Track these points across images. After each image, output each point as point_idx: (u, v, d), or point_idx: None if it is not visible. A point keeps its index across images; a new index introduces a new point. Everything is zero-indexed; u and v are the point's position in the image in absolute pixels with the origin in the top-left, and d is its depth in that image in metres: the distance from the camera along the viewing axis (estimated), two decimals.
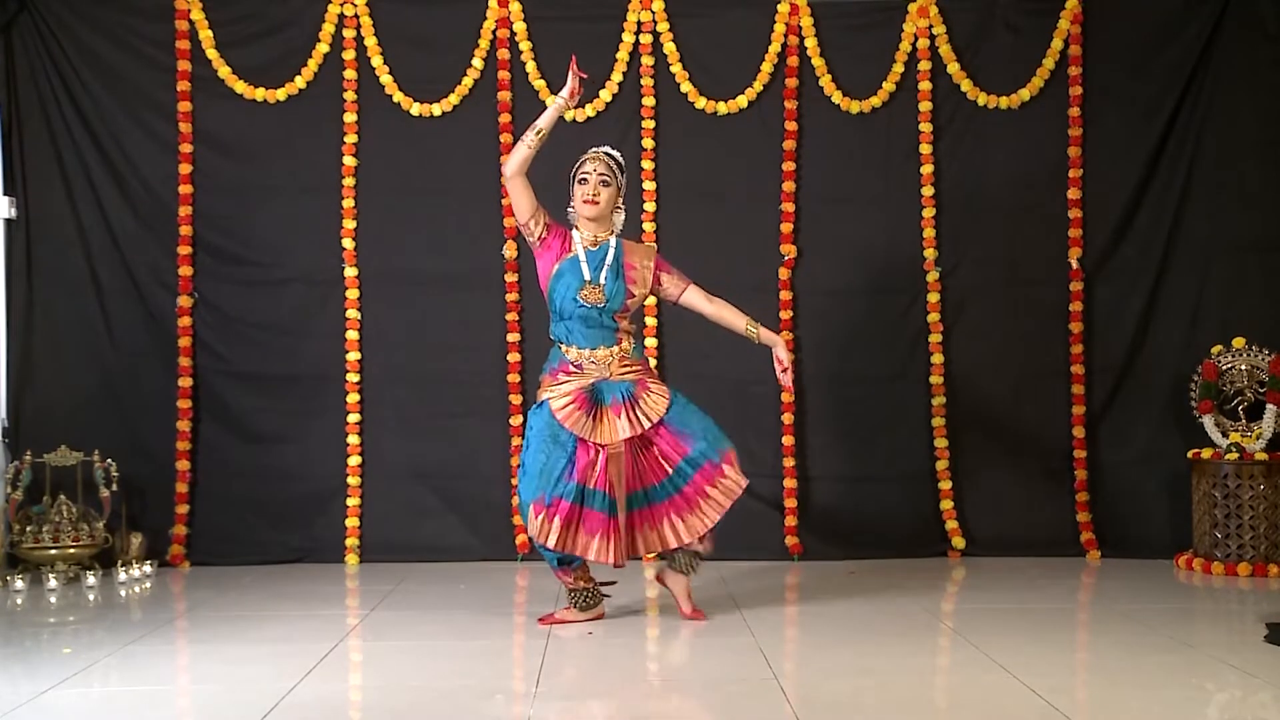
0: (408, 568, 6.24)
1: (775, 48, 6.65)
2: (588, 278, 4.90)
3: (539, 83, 6.58)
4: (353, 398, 6.53)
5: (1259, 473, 6.03)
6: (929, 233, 6.65)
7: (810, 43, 6.64)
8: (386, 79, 6.58)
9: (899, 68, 6.66)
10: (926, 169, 6.64)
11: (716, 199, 6.63)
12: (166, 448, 6.44)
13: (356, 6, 6.59)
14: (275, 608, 5.38)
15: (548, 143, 4.90)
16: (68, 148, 6.48)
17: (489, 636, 4.80)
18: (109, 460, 6.18)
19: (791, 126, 6.63)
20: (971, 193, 6.67)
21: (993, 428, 6.62)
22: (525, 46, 6.60)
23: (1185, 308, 6.60)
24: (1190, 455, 6.22)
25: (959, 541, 6.51)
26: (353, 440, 6.53)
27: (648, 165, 6.61)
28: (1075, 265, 6.62)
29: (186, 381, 6.47)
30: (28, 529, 6.02)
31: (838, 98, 6.65)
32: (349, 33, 6.58)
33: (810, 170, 6.66)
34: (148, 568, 5.99)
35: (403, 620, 5.09)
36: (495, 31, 6.61)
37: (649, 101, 6.62)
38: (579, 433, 4.81)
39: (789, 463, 6.56)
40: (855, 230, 6.67)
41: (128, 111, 6.53)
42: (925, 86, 6.65)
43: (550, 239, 4.96)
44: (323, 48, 6.58)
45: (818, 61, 6.65)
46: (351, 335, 6.55)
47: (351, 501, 6.50)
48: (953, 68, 6.65)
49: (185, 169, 6.52)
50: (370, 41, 6.58)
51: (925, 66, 6.65)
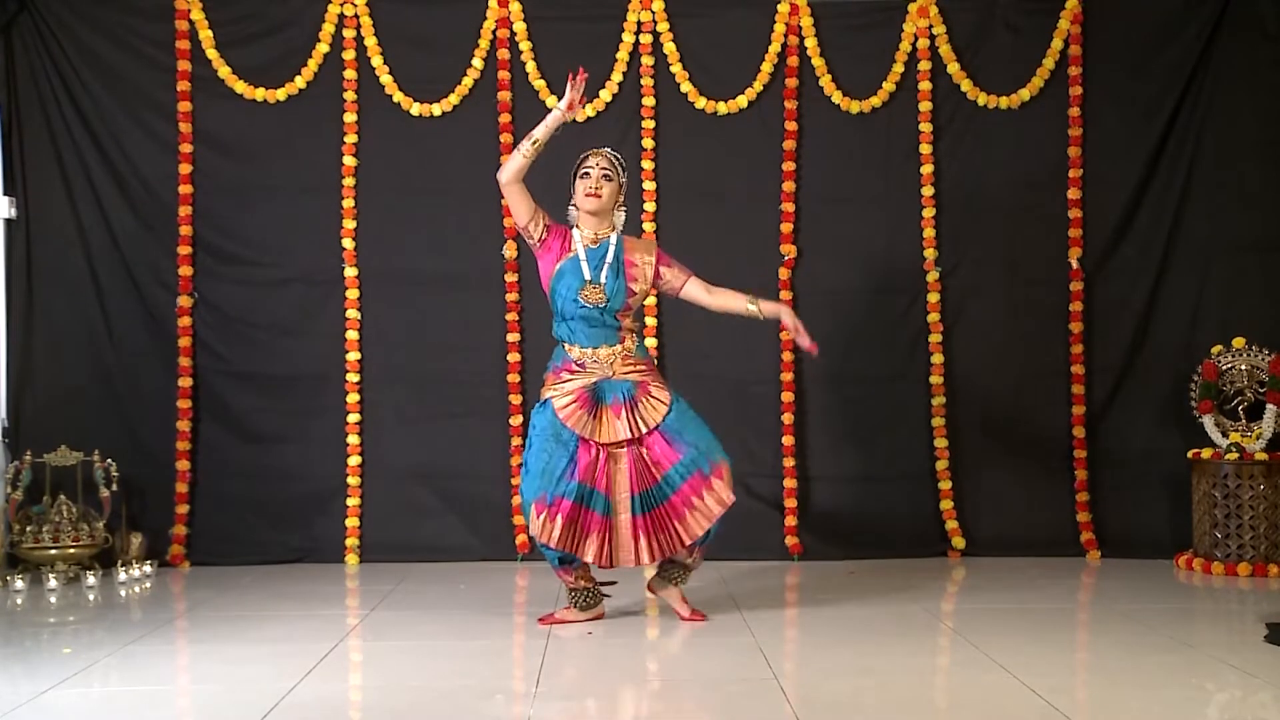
0: (408, 568, 6.24)
1: (775, 48, 6.65)
2: (588, 277, 4.89)
3: (539, 83, 6.58)
4: (353, 398, 6.54)
5: (1259, 473, 6.03)
6: (929, 233, 6.65)
7: (810, 43, 6.64)
8: (386, 79, 6.58)
9: (899, 68, 6.66)
10: (926, 169, 6.64)
11: (716, 199, 6.63)
12: (166, 448, 6.45)
13: (356, 6, 6.60)
14: (275, 608, 5.38)
15: (548, 143, 4.89)
16: (68, 148, 6.48)
17: (489, 636, 4.80)
18: (109, 460, 6.18)
19: (791, 126, 6.64)
20: (971, 193, 6.67)
21: (993, 428, 6.62)
22: (525, 46, 6.60)
23: (1185, 308, 6.60)
24: (1190, 455, 6.22)
25: (959, 541, 6.51)
26: (353, 440, 6.53)
27: (648, 165, 6.61)
28: (1075, 265, 6.62)
29: (186, 381, 6.48)
30: (28, 529, 6.03)
31: (838, 98, 6.65)
32: (349, 33, 6.58)
33: (810, 170, 6.66)
34: (148, 568, 5.99)
35: (403, 620, 5.09)
36: (495, 31, 6.61)
37: (649, 101, 6.62)
38: (580, 431, 4.81)
39: (789, 463, 6.56)
40: (855, 230, 6.67)
41: (128, 111, 6.53)
42: (925, 86, 6.65)
43: (550, 240, 4.95)
44: (323, 48, 6.58)
45: (818, 61, 6.65)
46: (351, 335, 6.55)
47: (351, 501, 6.50)
48: (953, 68, 6.65)
49: (185, 169, 6.52)
50: (370, 41, 6.59)
51: (925, 66, 6.65)
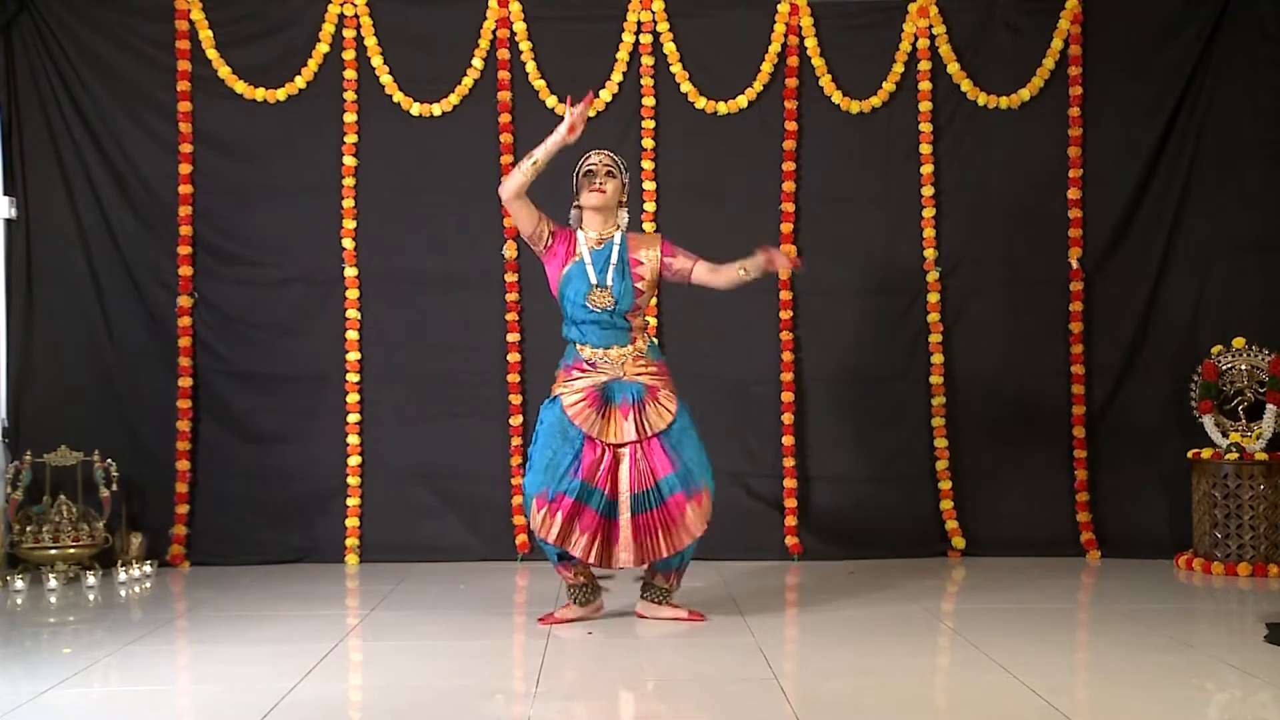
0: (408, 568, 6.24)
1: (775, 48, 6.65)
2: (594, 281, 4.89)
3: (539, 83, 6.58)
4: (353, 398, 6.54)
5: (1259, 473, 6.03)
6: (929, 233, 6.65)
7: (810, 43, 6.64)
8: (386, 79, 6.58)
9: (899, 68, 6.66)
10: (926, 169, 6.64)
11: (716, 199, 6.64)
12: (166, 448, 6.45)
13: (356, 6, 6.60)
14: (275, 608, 5.38)
15: (548, 135, 4.88)
16: (68, 148, 6.48)
17: (489, 636, 4.80)
18: (109, 460, 6.18)
19: (791, 126, 6.64)
20: (971, 193, 6.68)
21: (993, 428, 6.62)
22: (525, 46, 6.60)
23: (1185, 308, 6.60)
24: (1190, 455, 6.22)
25: (959, 541, 6.51)
26: (353, 440, 6.53)
27: (648, 165, 6.61)
28: (1075, 265, 6.62)
29: (186, 381, 6.48)
30: (28, 529, 6.03)
31: (838, 98, 6.65)
32: (349, 33, 6.58)
33: (810, 170, 6.66)
34: (148, 568, 5.99)
35: (403, 620, 5.09)
36: (495, 31, 6.61)
37: (649, 101, 6.62)
38: (587, 430, 4.82)
39: (789, 463, 6.56)
40: (855, 230, 6.67)
41: (128, 111, 6.54)
42: (925, 86, 6.65)
43: (556, 245, 4.95)
44: (323, 48, 6.58)
45: (818, 61, 6.65)
46: (351, 335, 6.55)
47: (351, 501, 6.50)
48: (953, 68, 6.65)
49: (185, 169, 6.52)
50: (370, 41, 6.59)
51: (925, 66, 6.65)
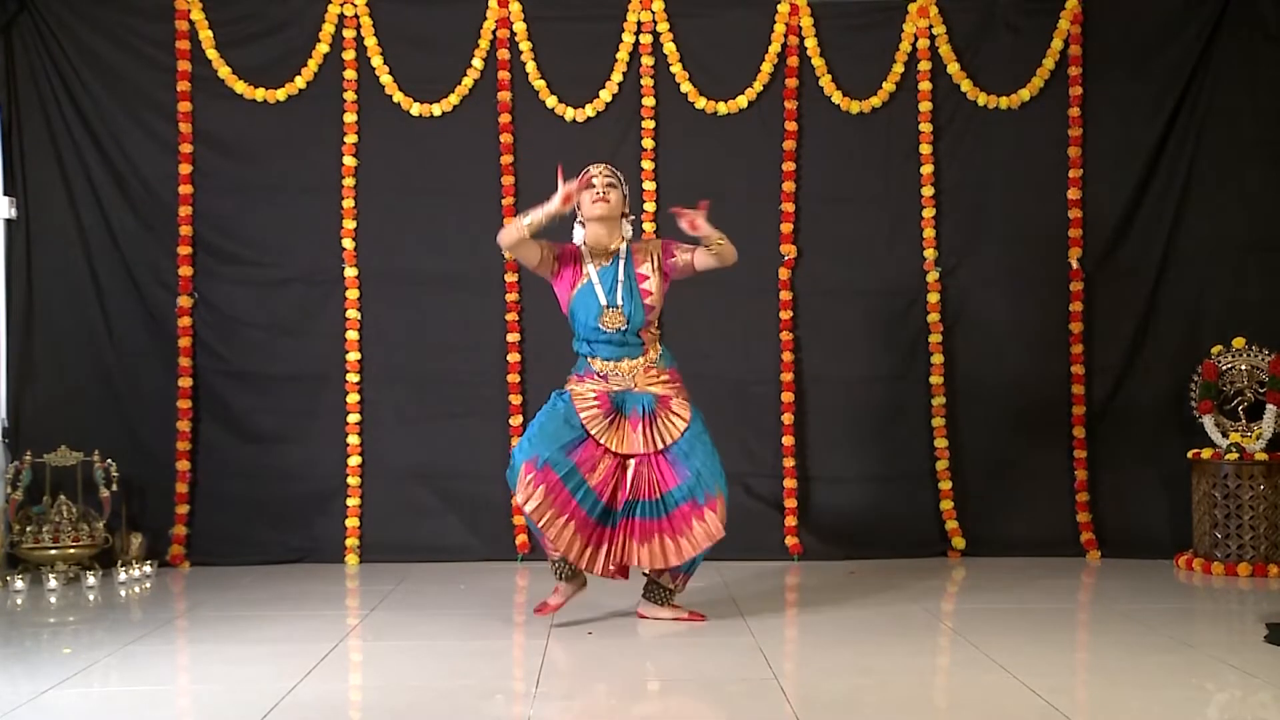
0: (408, 568, 6.24)
1: (775, 48, 6.65)
2: (604, 303, 4.87)
3: (539, 83, 6.58)
4: (353, 398, 6.54)
5: (1259, 473, 6.03)
6: (929, 233, 6.65)
7: (810, 43, 6.64)
8: (386, 79, 6.58)
9: (899, 68, 6.66)
10: (926, 169, 6.64)
11: (716, 199, 6.55)
12: (166, 448, 6.45)
13: (356, 6, 6.60)
14: (275, 608, 5.38)
15: (548, 144, 4.89)
16: (68, 148, 6.48)
17: (489, 636, 4.80)
18: (109, 460, 6.18)
19: (791, 126, 6.64)
20: (971, 193, 6.68)
21: (993, 428, 6.62)
22: (525, 46, 6.60)
23: (1185, 308, 6.60)
24: (1190, 455, 6.22)
25: (959, 541, 6.51)
26: (353, 440, 6.53)
27: (648, 165, 6.61)
28: (1075, 265, 6.62)
29: (186, 381, 6.48)
30: (28, 529, 6.03)
31: (838, 98, 6.65)
32: (349, 33, 6.58)
33: (810, 170, 6.66)
34: (148, 568, 5.99)
35: (403, 620, 5.08)
36: (495, 31, 6.61)
37: (649, 101, 6.62)
38: (594, 433, 4.82)
39: (789, 463, 6.56)
40: (855, 230, 6.67)
41: (128, 111, 6.54)
42: (925, 86, 6.65)
43: (563, 269, 4.93)
44: (323, 48, 6.58)
45: (818, 61, 6.65)
46: (351, 335, 6.55)
47: (351, 501, 6.50)
48: (953, 68, 6.65)
49: (185, 169, 6.52)
50: (370, 41, 6.59)
51: (925, 66, 6.65)
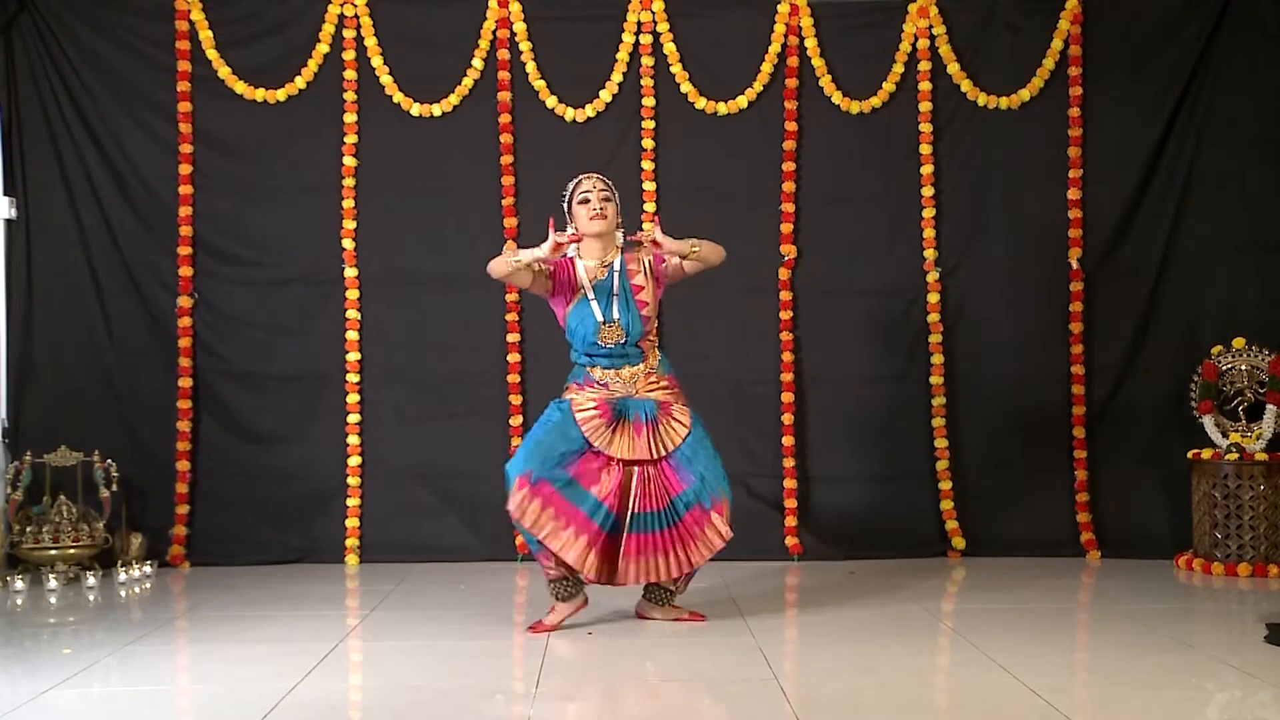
0: (408, 568, 6.24)
1: (775, 48, 6.65)
2: (601, 319, 4.84)
3: (539, 83, 6.58)
4: (353, 398, 6.54)
5: (1259, 473, 6.02)
6: (929, 233, 6.65)
7: (810, 43, 6.64)
8: (386, 79, 6.58)
9: (899, 68, 6.66)
10: (926, 169, 6.64)
11: (716, 199, 6.63)
12: (166, 448, 6.45)
13: (356, 6, 6.60)
14: (275, 608, 5.38)
15: (548, 144, 4.88)
16: (68, 148, 6.48)
17: (489, 636, 4.79)
18: (109, 460, 6.18)
19: (791, 126, 6.64)
20: (971, 193, 6.68)
21: (993, 428, 6.62)
22: (525, 47, 6.60)
23: (1185, 308, 6.59)
24: (1190, 455, 6.22)
25: (959, 541, 6.51)
26: (353, 440, 6.53)
27: (648, 165, 6.61)
28: (1075, 265, 6.62)
29: (186, 381, 6.48)
30: (28, 529, 6.02)
31: (838, 98, 6.65)
32: (349, 33, 6.58)
33: (810, 170, 6.66)
34: (148, 568, 5.99)
35: (403, 620, 5.09)
36: (495, 31, 6.61)
37: (649, 101, 6.62)
38: (596, 442, 4.78)
39: (789, 463, 6.56)
40: (855, 230, 6.67)
41: (128, 111, 6.54)
42: (925, 86, 6.65)
43: (558, 287, 4.89)
44: (323, 48, 6.58)
45: (818, 61, 6.65)
46: (351, 335, 6.55)
47: (351, 501, 6.50)
48: (953, 68, 6.65)
49: (185, 169, 6.52)
50: (370, 41, 6.59)
51: (925, 66, 6.65)
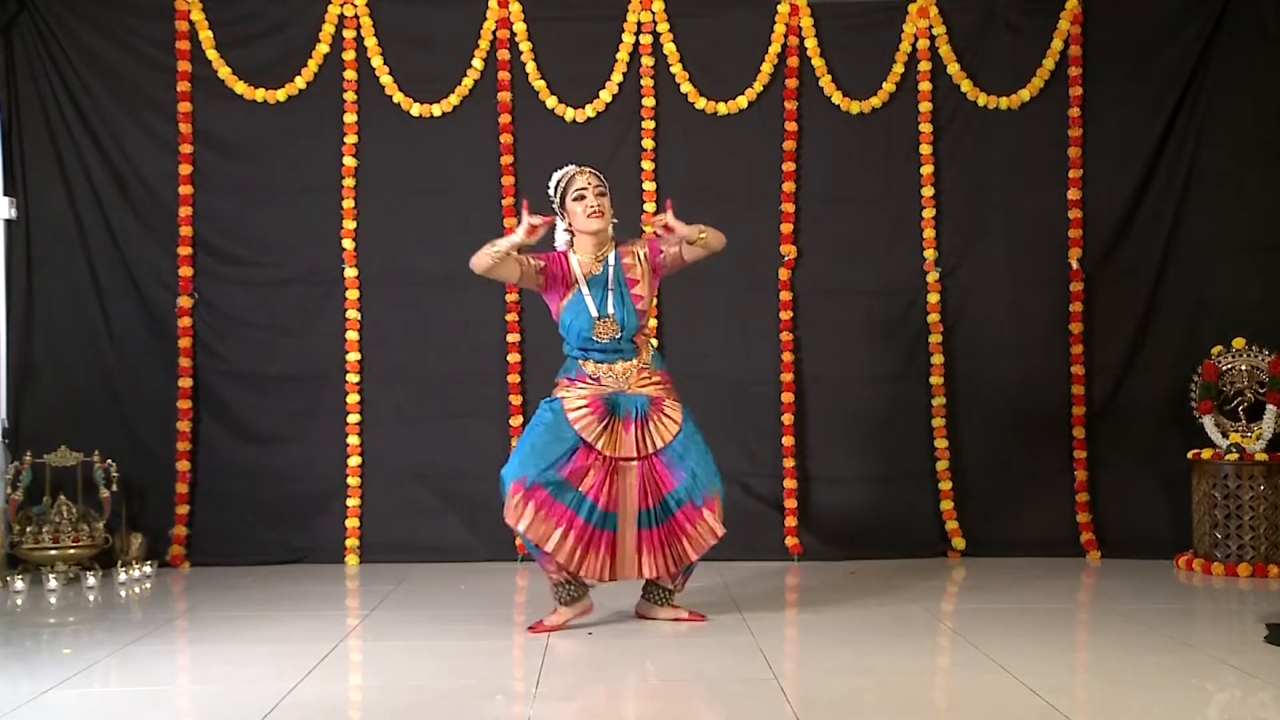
0: (408, 568, 6.23)
1: (775, 48, 6.65)
2: (595, 314, 4.82)
3: (539, 83, 6.58)
4: (353, 398, 6.54)
5: (1259, 473, 6.02)
6: (929, 233, 6.65)
7: (810, 43, 6.64)
8: (386, 79, 6.58)
9: (899, 68, 6.66)
10: (926, 169, 6.64)
11: (716, 199, 6.62)
12: (166, 448, 6.45)
13: (356, 6, 6.60)
14: (275, 608, 5.38)
15: (548, 144, 4.88)
16: (68, 148, 6.48)
17: (489, 636, 4.79)
18: (109, 461, 6.18)
19: (791, 126, 6.64)
20: (971, 193, 6.68)
21: (993, 428, 6.62)
22: (525, 47, 6.60)
23: (1185, 308, 6.59)
24: (1190, 455, 6.22)
25: (959, 541, 6.51)
26: (353, 440, 6.53)
27: (648, 165, 6.61)
28: (1075, 265, 6.62)
29: (186, 381, 6.48)
30: (28, 529, 6.02)
31: (838, 98, 6.65)
32: (349, 33, 6.58)
33: (810, 170, 6.66)
34: (148, 568, 5.99)
35: (403, 620, 5.09)
36: (495, 31, 6.61)
37: (649, 101, 6.62)
38: (588, 437, 4.76)
39: (789, 463, 6.56)
40: (855, 230, 6.67)
41: (128, 111, 6.54)
42: (925, 86, 6.65)
43: (551, 281, 4.85)
44: (323, 48, 6.58)
45: (818, 62, 6.65)
46: (351, 335, 6.55)
47: (351, 501, 6.50)
48: (953, 68, 6.65)
49: (185, 169, 6.52)
50: (370, 41, 6.59)
51: (925, 66, 6.65)
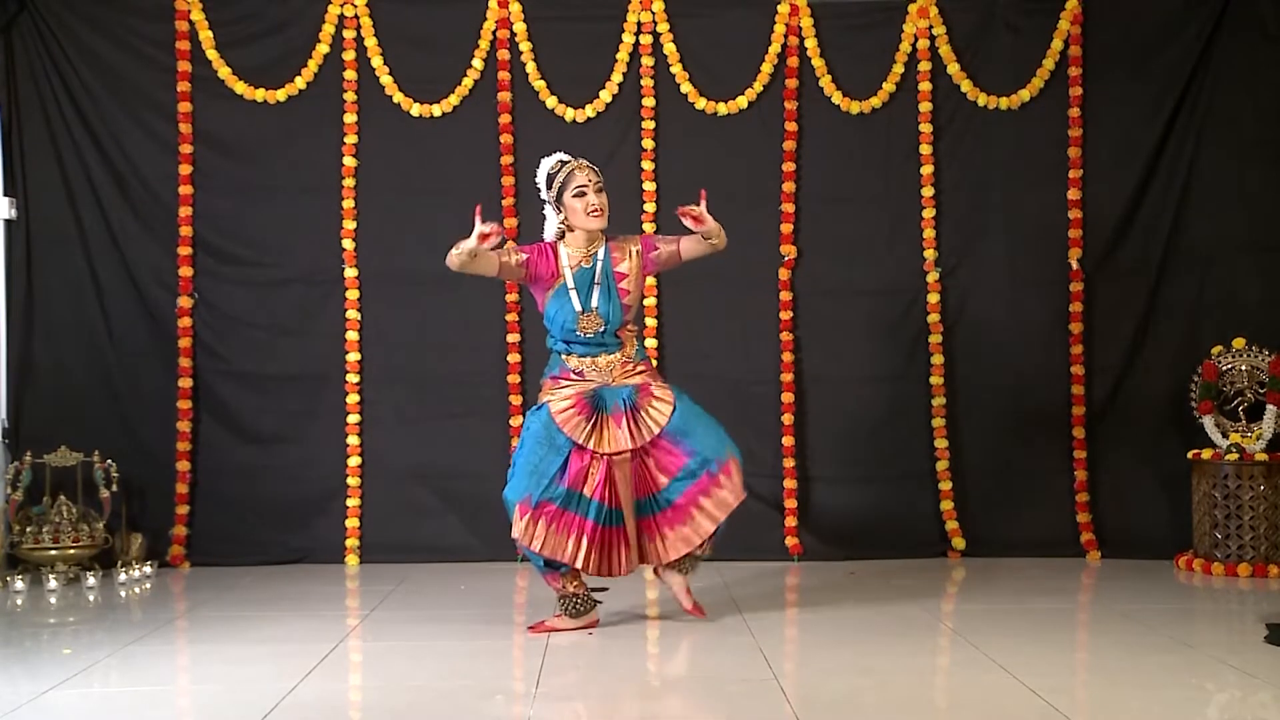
0: (408, 568, 6.23)
1: (775, 48, 6.65)
2: (579, 308, 4.79)
3: (539, 83, 6.58)
4: (353, 398, 6.54)
5: (1259, 473, 6.02)
6: (929, 233, 6.65)
7: (810, 43, 6.64)
8: (386, 79, 6.58)
9: (899, 68, 6.66)
10: (926, 169, 6.64)
11: (716, 199, 6.58)
12: (166, 448, 6.44)
13: (356, 6, 6.59)
14: (275, 608, 5.38)
15: (548, 144, 4.88)
16: (68, 148, 6.48)
17: (489, 636, 4.79)
18: (109, 461, 6.18)
19: (791, 126, 6.63)
20: (971, 193, 6.68)
21: (993, 428, 6.62)
22: (525, 47, 6.60)
23: (1185, 308, 6.59)
24: (1190, 455, 6.22)
25: (959, 542, 6.51)
26: (353, 440, 6.53)
27: (648, 165, 6.60)
28: (1075, 265, 6.62)
29: (186, 381, 6.48)
30: (28, 529, 6.02)
31: (838, 98, 6.65)
32: (349, 33, 6.58)
33: (810, 170, 6.66)
34: (148, 568, 5.99)
35: (403, 620, 5.09)
36: (495, 31, 6.61)
37: (649, 101, 6.62)
38: (578, 439, 4.72)
39: (789, 463, 6.56)
40: (855, 230, 6.67)
41: (128, 111, 6.54)
42: (925, 86, 6.65)
43: (536, 272, 4.81)
44: (323, 48, 6.58)
45: (818, 62, 6.65)
46: (351, 335, 6.55)
47: (351, 501, 6.50)
48: (953, 68, 6.65)
49: (185, 169, 6.52)
50: (370, 41, 6.58)
51: (925, 67, 6.65)
